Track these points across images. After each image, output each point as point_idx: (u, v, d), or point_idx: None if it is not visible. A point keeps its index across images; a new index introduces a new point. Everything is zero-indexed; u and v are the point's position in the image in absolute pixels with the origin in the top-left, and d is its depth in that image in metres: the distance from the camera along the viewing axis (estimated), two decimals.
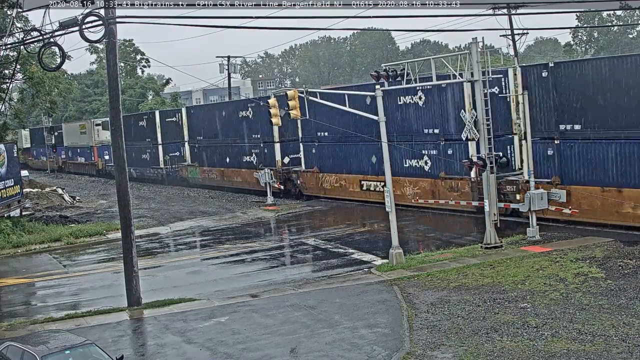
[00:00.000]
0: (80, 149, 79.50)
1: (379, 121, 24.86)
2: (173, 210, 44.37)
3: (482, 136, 25.45)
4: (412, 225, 32.36)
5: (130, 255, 21.88)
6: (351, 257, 27.14)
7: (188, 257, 29.96)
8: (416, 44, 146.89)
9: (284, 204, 42.61)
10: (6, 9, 33.82)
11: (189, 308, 20.96)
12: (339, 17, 33.62)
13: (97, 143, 73.62)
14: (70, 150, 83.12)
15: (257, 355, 16.36)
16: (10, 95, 44.27)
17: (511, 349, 15.33)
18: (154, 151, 61.72)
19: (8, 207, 37.36)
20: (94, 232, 36.02)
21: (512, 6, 42.39)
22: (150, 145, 62.07)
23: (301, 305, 20.10)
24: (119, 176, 22.33)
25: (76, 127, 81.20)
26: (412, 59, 31.16)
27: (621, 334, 15.63)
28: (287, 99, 26.55)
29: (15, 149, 39.53)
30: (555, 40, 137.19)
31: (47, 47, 21.86)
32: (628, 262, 21.61)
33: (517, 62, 47.20)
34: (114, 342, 18.11)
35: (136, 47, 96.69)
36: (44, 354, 13.97)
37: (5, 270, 29.87)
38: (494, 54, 55.64)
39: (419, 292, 20.63)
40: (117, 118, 22.03)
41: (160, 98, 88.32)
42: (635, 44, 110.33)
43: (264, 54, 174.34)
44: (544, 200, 26.23)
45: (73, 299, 24.20)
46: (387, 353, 15.74)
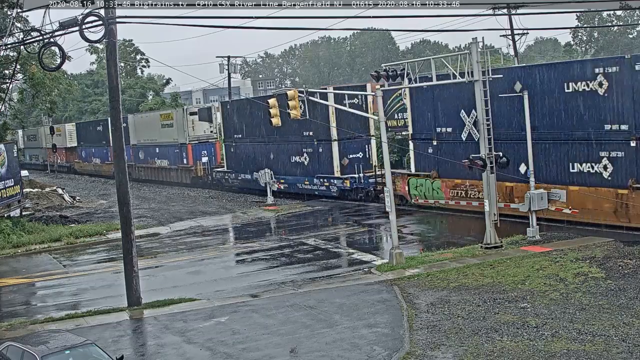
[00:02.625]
0: (160, 147, 60.49)
1: (379, 121, 24.85)
2: (173, 210, 44.37)
3: (482, 136, 25.43)
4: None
5: (130, 255, 21.88)
6: (351, 257, 27.15)
7: (188, 257, 29.95)
8: (416, 44, 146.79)
9: (284, 204, 42.61)
10: (6, 9, 33.80)
11: (189, 308, 20.96)
12: (339, 17, 33.60)
13: (192, 139, 56.04)
14: (142, 150, 64.17)
15: (257, 355, 16.36)
16: (10, 95, 44.26)
17: (511, 349, 15.33)
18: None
19: (8, 207, 37.37)
20: (94, 232, 36.05)
21: (512, 6, 42.36)
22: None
23: (301, 305, 20.10)
24: (119, 176, 22.36)
25: (154, 117, 62.21)
26: (412, 59, 31.11)
27: (621, 334, 15.63)
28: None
29: (15, 149, 39.54)
30: (555, 40, 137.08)
31: (47, 47, 21.86)
32: (628, 262, 21.61)
33: (517, 62, 47.21)
34: (114, 342, 18.10)
35: (136, 47, 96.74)
36: (44, 354, 13.97)
37: (5, 270, 29.87)
38: (494, 54, 55.66)
39: (419, 292, 20.63)
40: (117, 118, 22.05)
41: (160, 98, 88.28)
42: (636, 44, 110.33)
43: (264, 54, 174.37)
44: (544, 200, 26.36)
45: (73, 299, 24.20)
46: (387, 353, 15.73)
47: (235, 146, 50.12)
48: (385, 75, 26.20)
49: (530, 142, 26.73)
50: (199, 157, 55.30)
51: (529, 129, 26.66)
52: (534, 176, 26.83)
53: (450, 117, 33.67)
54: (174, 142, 57.57)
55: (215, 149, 55.49)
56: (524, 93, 26.99)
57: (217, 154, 55.32)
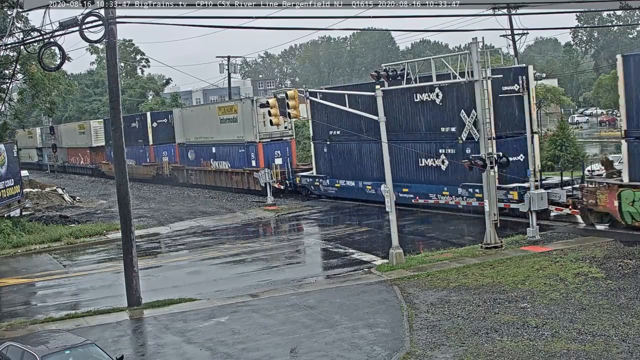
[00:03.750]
0: (219, 146, 50.67)
1: (379, 121, 24.83)
2: (173, 210, 44.35)
3: (482, 136, 25.44)
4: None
5: (130, 255, 21.88)
6: (351, 257, 27.14)
7: (188, 257, 29.94)
8: (416, 44, 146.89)
9: (284, 204, 42.57)
10: (6, 9, 33.80)
11: (189, 308, 20.95)
12: (339, 17, 33.43)
13: (263, 137, 46.50)
14: (192, 150, 55.12)
15: (257, 355, 16.36)
16: (10, 95, 44.24)
17: (511, 349, 15.32)
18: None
19: (8, 207, 37.36)
20: (94, 232, 36.05)
21: (512, 6, 42.34)
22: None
23: (301, 305, 20.10)
24: (119, 176, 22.35)
25: (210, 111, 52.15)
26: (412, 59, 31.04)
27: (621, 334, 15.63)
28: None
29: (15, 149, 39.53)
30: (555, 40, 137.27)
31: (47, 47, 21.83)
32: (628, 262, 21.60)
33: (517, 62, 47.21)
34: (114, 342, 18.10)
35: (136, 47, 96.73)
36: (44, 354, 13.97)
37: (5, 270, 29.86)
38: (494, 54, 55.67)
39: (419, 292, 20.62)
40: (117, 118, 22.05)
41: (160, 98, 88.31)
42: (636, 44, 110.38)
43: (264, 54, 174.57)
44: (544, 200, 26.36)
45: (73, 299, 24.20)
46: (387, 353, 15.73)
47: (330, 146, 41.30)
48: (386, 75, 26.21)
49: (530, 142, 26.74)
50: (272, 158, 45.88)
51: (529, 129, 26.67)
52: (533, 176, 26.82)
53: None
54: (238, 140, 48.07)
55: (291, 148, 47.42)
56: (524, 93, 27.00)
57: (292, 155, 47.29)
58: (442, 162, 33.29)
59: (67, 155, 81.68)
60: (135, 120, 63.88)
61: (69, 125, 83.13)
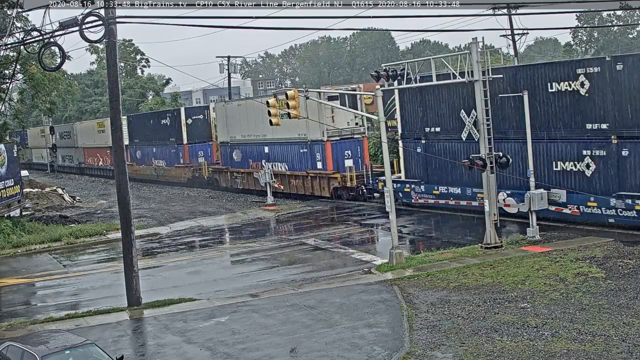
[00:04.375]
0: (272, 145, 45.26)
1: (379, 121, 24.84)
2: (173, 210, 44.36)
3: (482, 136, 25.42)
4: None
5: (130, 255, 21.88)
6: (351, 257, 27.14)
7: (188, 257, 29.95)
8: (416, 44, 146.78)
9: (284, 204, 42.56)
10: (6, 9, 33.79)
11: (189, 308, 20.96)
12: (339, 17, 33.52)
13: (332, 134, 40.72)
14: (237, 150, 48.88)
15: (257, 355, 16.36)
16: (10, 95, 44.25)
17: (511, 349, 15.32)
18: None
19: (8, 207, 37.35)
20: (94, 232, 36.07)
21: (512, 6, 42.35)
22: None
23: (301, 305, 20.10)
24: (119, 176, 22.37)
25: (259, 106, 40.09)
26: (412, 59, 31.00)
27: (621, 334, 15.63)
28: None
29: (15, 149, 39.53)
30: (555, 40, 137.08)
31: (47, 47, 21.85)
32: (628, 262, 21.61)
33: (517, 62, 47.23)
34: (114, 342, 18.10)
35: (136, 47, 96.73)
36: (44, 354, 13.97)
37: (5, 270, 29.87)
38: (494, 54, 55.66)
39: (419, 292, 20.62)
40: (117, 118, 22.06)
41: (160, 98, 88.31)
42: (636, 44, 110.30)
43: (264, 54, 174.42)
44: (544, 200, 26.34)
45: (73, 299, 24.21)
46: (387, 353, 15.73)
47: (425, 145, 34.81)
48: (385, 75, 26.21)
49: (530, 142, 26.70)
50: (341, 158, 40.45)
51: (528, 129, 26.62)
52: (533, 176, 26.81)
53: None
54: (298, 138, 42.26)
55: (363, 147, 41.35)
56: (524, 93, 26.96)
57: (365, 155, 41.32)
58: (586, 166, 27.50)
59: (84, 156, 75.82)
60: (167, 117, 58.15)
61: (86, 124, 77.07)
